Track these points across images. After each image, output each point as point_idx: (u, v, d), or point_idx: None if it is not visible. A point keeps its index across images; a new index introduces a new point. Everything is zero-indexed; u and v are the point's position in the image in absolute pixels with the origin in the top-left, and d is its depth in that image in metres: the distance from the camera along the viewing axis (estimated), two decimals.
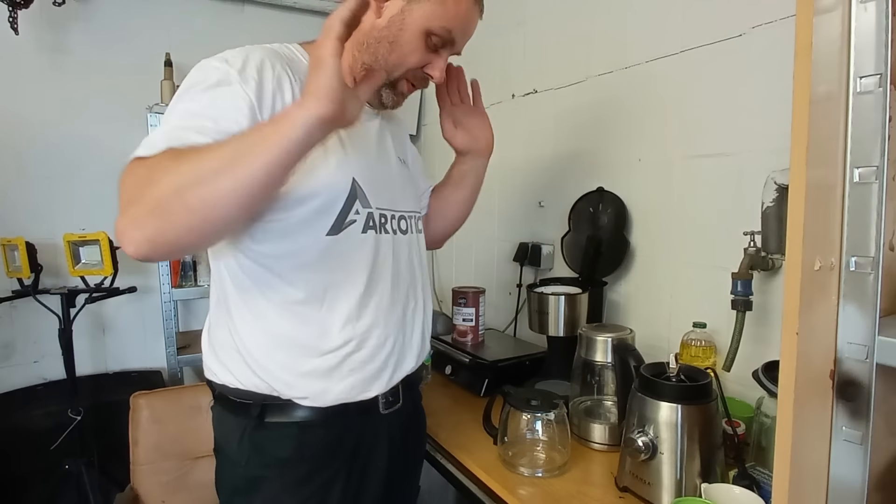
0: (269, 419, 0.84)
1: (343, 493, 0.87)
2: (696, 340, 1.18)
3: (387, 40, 0.84)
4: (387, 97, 0.90)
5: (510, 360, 1.46)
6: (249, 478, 0.85)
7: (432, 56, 0.87)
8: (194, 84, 0.76)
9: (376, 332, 0.87)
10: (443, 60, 0.88)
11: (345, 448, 0.88)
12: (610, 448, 1.11)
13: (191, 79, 0.78)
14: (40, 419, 1.90)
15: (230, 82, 0.75)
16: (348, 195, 0.84)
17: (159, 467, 1.39)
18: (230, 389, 0.86)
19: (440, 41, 0.85)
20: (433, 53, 0.87)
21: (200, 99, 0.74)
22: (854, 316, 0.53)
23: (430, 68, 0.88)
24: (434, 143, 2.33)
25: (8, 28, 1.86)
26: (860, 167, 0.53)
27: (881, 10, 0.50)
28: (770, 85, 1.11)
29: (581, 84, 1.59)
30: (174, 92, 1.93)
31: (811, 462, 0.54)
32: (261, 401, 0.84)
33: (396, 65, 0.85)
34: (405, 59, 0.85)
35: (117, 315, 2.20)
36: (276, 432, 0.84)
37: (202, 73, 0.77)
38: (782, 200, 1.01)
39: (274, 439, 0.84)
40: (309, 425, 0.84)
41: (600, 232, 1.48)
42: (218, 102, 0.74)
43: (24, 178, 2.02)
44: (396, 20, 0.84)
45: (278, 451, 0.84)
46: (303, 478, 0.85)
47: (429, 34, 0.84)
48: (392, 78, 0.87)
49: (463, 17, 0.86)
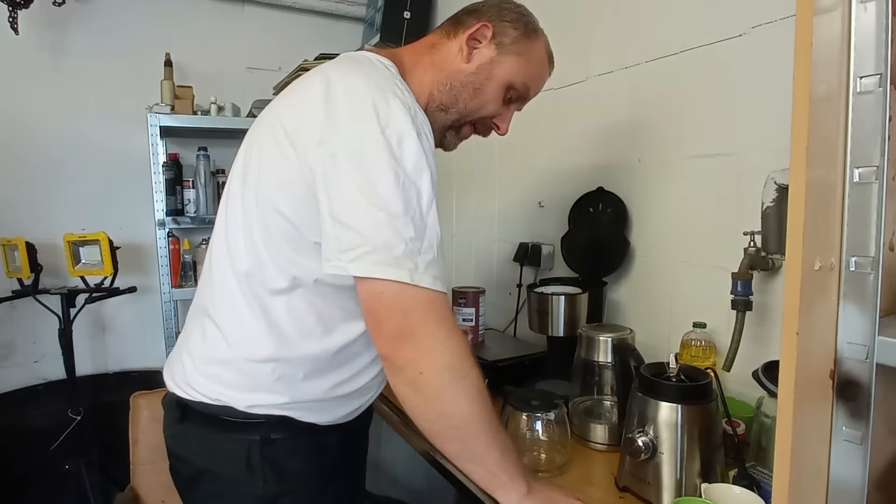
0: (276, 435, 0.80)
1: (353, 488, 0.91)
2: (696, 340, 1.18)
3: (472, 86, 0.86)
4: (450, 139, 0.92)
5: (510, 360, 1.46)
6: (269, 497, 0.80)
7: (503, 108, 0.90)
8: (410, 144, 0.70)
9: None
10: (511, 113, 0.92)
11: (349, 448, 0.90)
12: (610, 448, 1.11)
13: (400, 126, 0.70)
14: (40, 419, 1.90)
15: (425, 150, 0.72)
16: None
17: (159, 467, 1.38)
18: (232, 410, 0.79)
19: (517, 95, 0.89)
20: (504, 105, 0.90)
21: (424, 174, 0.71)
22: (854, 316, 0.53)
23: (500, 120, 0.91)
24: None
25: (8, 28, 1.86)
26: (860, 167, 0.52)
27: (881, 10, 0.50)
28: (770, 85, 1.11)
29: (581, 84, 1.59)
30: (174, 92, 1.91)
31: (811, 462, 0.54)
32: (275, 420, 0.80)
33: (474, 111, 0.88)
34: (483, 107, 0.88)
35: (117, 315, 2.20)
36: (289, 446, 0.81)
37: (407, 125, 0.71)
38: (782, 200, 1.01)
39: (290, 454, 0.81)
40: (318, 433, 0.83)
41: (600, 232, 1.48)
42: (426, 178, 0.71)
43: (24, 178, 2.02)
44: (485, 69, 0.86)
45: (298, 465, 0.82)
46: (323, 485, 0.85)
47: (510, 87, 0.87)
48: (463, 122, 0.90)
49: (542, 76, 0.91)
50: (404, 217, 0.67)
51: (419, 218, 0.69)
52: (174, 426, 0.85)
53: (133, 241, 2.11)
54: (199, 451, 0.83)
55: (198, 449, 0.83)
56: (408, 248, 0.67)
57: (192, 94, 1.98)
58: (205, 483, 0.83)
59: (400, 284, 0.67)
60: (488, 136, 0.96)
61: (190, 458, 0.84)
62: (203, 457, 0.82)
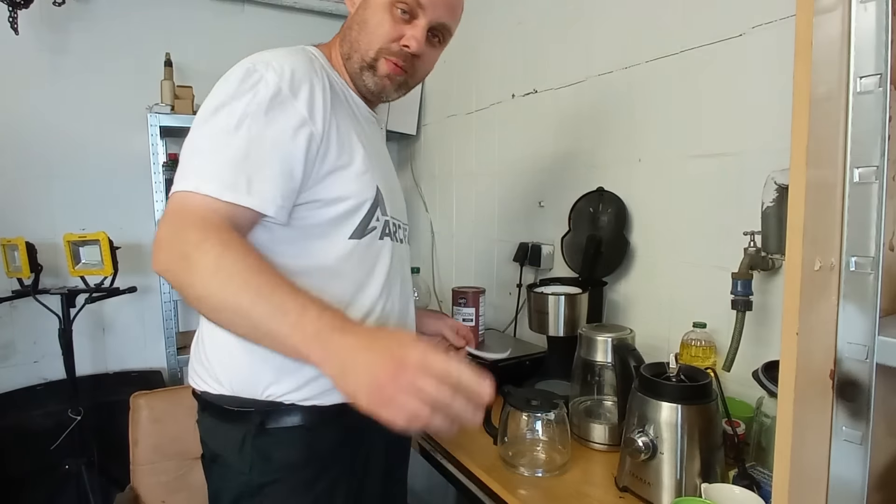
0: (270, 425, 0.82)
1: (347, 491, 0.88)
2: (696, 340, 1.18)
3: (356, 24, 0.87)
4: (369, 81, 0.88)
5: (510, 360, 1.46)
6: (255, 485, 0.83)
7: (405, 27, 0.85)
8: (243, 92, 0.74)
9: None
10: (418, 30, 0.85)
11: (347, 447, 0.88)
12: (610, 448, 1.11)
13: (237, 84, 0.76)
14: (40, 419, 1.90)
15: (282, 100, 0.75)
16: (373, 201, 0.85)
17: (159, 467, 1.39)
18: (227, 398, 0.83)
19: (407, 8, 0.84)
20: (405, 25, 0.85)
21: (257, 118, 0.73)
22: (854, 316, 0.53)
23: (406, 39, 0.85)
24: (434, 142, 2.33)
25: (8, 28, 1.86)
26: (860, 167, 0.53)
27: (881, 10, 0.50)
28: (770, 85, 1.11)
29: (581, 84, 1.59)
30: (174, 92, 1.92)
31: (811, 462, 0.54)
32: (264, 408, 0.82)
33: (369, 43, 0.86)
34: (375, 34, 0.85)
35: (117, 315, 2.20)
36: (280, 437, 0.82)
37: (250, 81, 0.75)
38: (782, 200, 1.01)
39: (279, 444, 0.82)
40: (313, 428, 0.83)
41: (600, 232, 1.48)
42: (277, 126, 0.74)
43: (24, 178, 2.02)
44: (361, 2, 0.87)
45: (285, 456, 0.83)
46: (310, 480, 0.84)
47: (393, 5, 0.84)
48: (368, 59, 0.87)
49: None
50: (206, 137, 0.74)
51: (210, 136, 0.74)
52: (198, 415, 0.91)
53: (133, 241, 2.10)
54: (211, 437, 0.88)
55: (210, 436, 0.89)
56: (188, 164, 0.73)
57: (192, 94, 1.98)
58: (215, 466, 0.88)
59: (184, 193, 0.71)
60: (405, 61, 0.88)
61: (207, 443, 0.89)
62: (214, 443, 0.88)
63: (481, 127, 2.04)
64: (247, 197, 0.71)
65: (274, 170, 0.73)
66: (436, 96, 2.32)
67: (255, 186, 0.71)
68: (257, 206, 0.72)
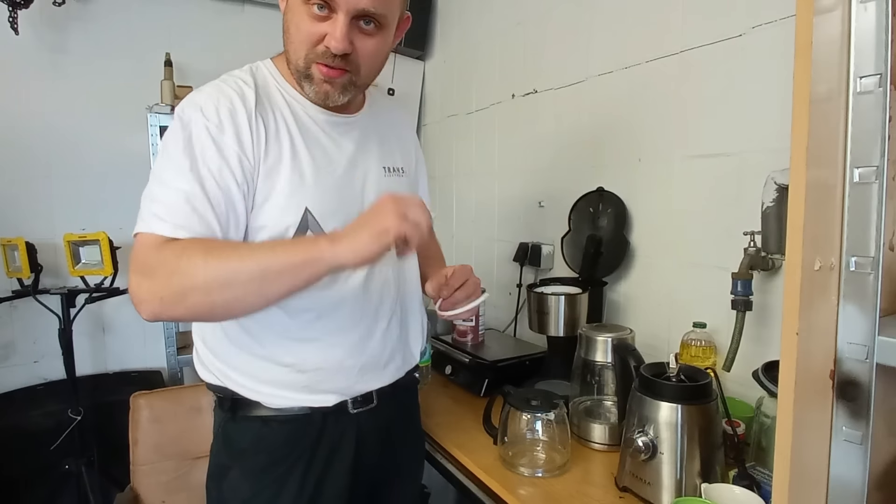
0: (240, 413, 0.91)
1: (302, 482, 0.90)
2: (696, 340, 1.18)
3: (284, 31, 0.86)
4: (309, 90, 0.86)
5: (510, 360, 1.46)
6: (219, 465, 0.93)
7: (323, 26, 0.80)
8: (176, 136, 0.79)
9: (320, 356, 0.89)
10: (337, 26, 0.78)
11: (304, 442, 0.91)
12: (610, 448, 1.11)
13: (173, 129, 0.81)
14: (40, 419, 1.90)
15: (211, 136, 0.79)
16: (298, 226, 0.84)
17: (159, 467, 1.39)
18: (212, 386, 0.93)
19: (319, 2, 0.78)
20: (322, 22, 0.80)
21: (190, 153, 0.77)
22: (854, 316, 0.53)
23: (326, 39, 0.80)
24: (434, 142, 2.33)
25: (8, 28, 1.86)
26: (860, 167, 0.52)
27: (881, 10, 0.50)
28: (770, 85, 1.11)
29: (581, 84, 1.59)
30: (174, 92, 1.93)
31: (811, 462, 0.54)
32: (230, 396, 0.90)
33: (297, 45, 0.83)
34: (298, 37, 0.82)
35: (117, 315, 2.20)
36: (241, 425, 0.91)
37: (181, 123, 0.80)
38: (782, 200, 1.01)
39: (239, 432, 0.91)
40: (270, 420, 0.90)
41: (600, 232, 1.48)
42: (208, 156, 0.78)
43: (24, 178, 2.02)
44: (284, 9, 0.86)
45: (240, 443, 0.91)
46: (261, 467, 0.90)
47: (306, 2, 0.79)
48: (301, 67, 0.84)
49: None
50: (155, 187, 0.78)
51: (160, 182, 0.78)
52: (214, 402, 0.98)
53: (133, 241, 2.11)
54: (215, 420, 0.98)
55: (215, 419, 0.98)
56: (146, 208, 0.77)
57: None
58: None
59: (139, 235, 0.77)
60: (344, 62, 0.83)
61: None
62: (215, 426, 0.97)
63: (481, 127, 2.04)
64: (183, 232, 0.74)
65: (225, 203, 0.78)
66: (436, 96, 2.32)
67: (207, 219, 0.76)
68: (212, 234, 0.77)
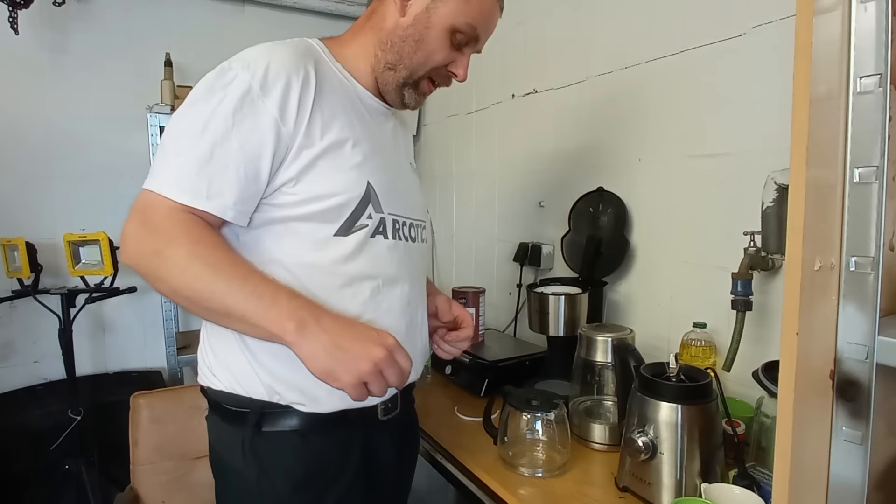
0: (266, 428, 0.82)
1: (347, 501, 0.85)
2: (696, 340, 1.18)
3: (412, 38, 0.85)
4: (409, 97, 0.90)
5: (510, 360, 1.46)
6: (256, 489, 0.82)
7: (456, 54, 0.87)
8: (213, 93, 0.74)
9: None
10: (466, 59, 0.88)
11: (346, 455, 0.86)
12: (610, 448, 1.11)
13: (210, 83, 0.76)
14: (40, 419, 1.90)
15: (252, 99, 0.74)
16: (361, 198, 0.82)
17: (159, 467, 1.39)
18: (227, 396, 0.83)
19: (465, 38, 0.85)
20: (457, 51, 0.87)
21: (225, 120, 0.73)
22: (854, 316, 0.53)
23: (455, 66, 0.88)
24: (434, 143, 2.33)
25: (8, 28, 1.86)
26: (860, 167, 0.52)
27: (881, 10, 0.50)
28: (770, 85, 1.11)
29: (581, 84, 1.59)
30: (174, 92, 1.92)
31: (811, 462, 0.54)
32: (259, 408, 0.81)
33: (421, 63, 0.86)
34: (430, 58, 0.85)
35: (117, 315, 2.20)
36: (274, 442, 0.82)
37: (222, 81, 0.75)
38: (782, 200, 1.01)
39: (274, 449, 0.82)
40: (307, 433, 0.82)
41: (600, 232, 1.48)
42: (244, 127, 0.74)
43: (24, 178, 2.02)
44: (422, 18, 0.84)
45: (280, 461, 0.82)
46: (305, 486, 0.83)
47: (454, 32, 0.84)
48: (416, 77, 0.87)
49: (487, 13, 0.86)
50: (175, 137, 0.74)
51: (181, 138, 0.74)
52: (207, 411, 0.90)
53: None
54: (215, 437, 0.88)
55: (215, 435, 0.88)
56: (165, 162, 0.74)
57: None
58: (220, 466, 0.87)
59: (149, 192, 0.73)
60: (450, 84, 0.93)
61: (213, 443, 0.89)
62: (219, 444, 0.87)
63: (481, 127, 2.04)
64: (205, 201, 0.72)
65: (238, 173, 0.73)
66: (436, 96, 2.30)
67: (215, 190, 0.72)
68: (216, 209, 0.73)
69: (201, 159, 0.72)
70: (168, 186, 0.71)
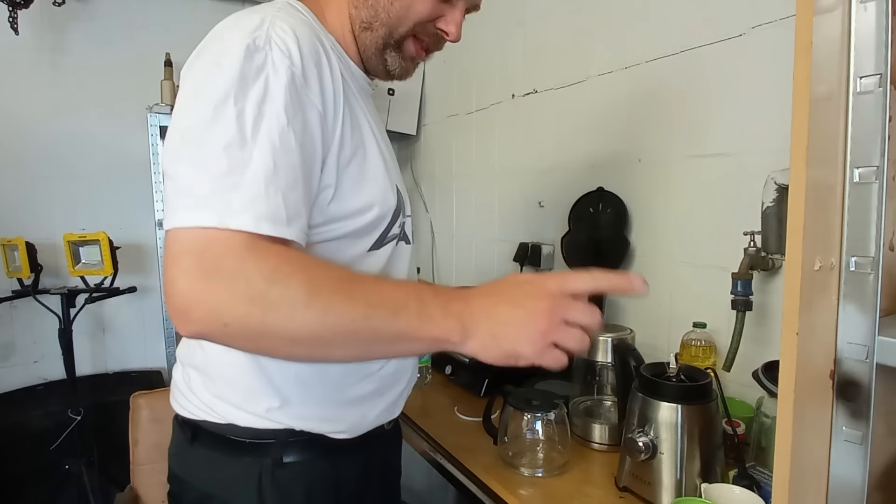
0: (289, 459, 0.71)
1: None
2: (696, 340, 1.18)
3: None
4: (393, 62, 0.75)
5: None
6: None
7: (445, 6, 0.71)
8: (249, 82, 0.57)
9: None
10: (458, 13, 0.72)
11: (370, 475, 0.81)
12: (610, 448, 1.11)
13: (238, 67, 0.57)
14: (40, 419, 1.90)
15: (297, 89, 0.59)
16: (395, 208, 0.73)
17: (159, 467, 1.38)
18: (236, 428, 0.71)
19: None
20: (445, 3, 0.71)
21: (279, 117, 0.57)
22: (854, 316, 0.53)
23: (444, 22, 0.72)
24: (434, 142, 2.33)
25: (8, 28, 1.86)
26: (860, 167, 0.52)
27: (881, 10, 0.50)
28: (770, 85, 1.11)
29: (581, 84, 1.59)
30: (174, 92, 1.91)
31: (811, 462, 0.54)
32: (285, 437, 0.71)
33: (401, 17, 0.70)
34: (411, 10, 0.70)
35: (117, 315, 2.20)
36: (302, 470, 0.73)
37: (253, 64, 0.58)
38: (782, 200, 1.01)
39: (303, 479, 0.73)
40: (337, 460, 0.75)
41: (600, 232, 1.48)
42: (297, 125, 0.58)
43: (24, 178, 2.02)
44: None
45: (311, 492, 0.73)
46: None
47: None
48: (397, 36, 0.72)
49: None
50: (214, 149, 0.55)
51: (238, 147, 0.55)
52: (180, 446, 0.78)
53: (133, 241, 2.11)
54: (203, 474, 0.75)
55: (203, 472, 0.75)
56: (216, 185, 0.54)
57: None
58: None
59: (203, 229, 0.52)
60: (441, 46, 0.76)
61: (193, 482, 0.76)
62: (208, 481, 0.74)
63: (481, 127, 2.03)
64: (286, 228, 0.56)
65: (307, 185, 0.60)
66: (436, 96, 2.31)
67: (292, 210, 0.56)
68: (298, 236, 0.57)
69: (266, 173, 0.55)
70: (235, 217, 0.52)
